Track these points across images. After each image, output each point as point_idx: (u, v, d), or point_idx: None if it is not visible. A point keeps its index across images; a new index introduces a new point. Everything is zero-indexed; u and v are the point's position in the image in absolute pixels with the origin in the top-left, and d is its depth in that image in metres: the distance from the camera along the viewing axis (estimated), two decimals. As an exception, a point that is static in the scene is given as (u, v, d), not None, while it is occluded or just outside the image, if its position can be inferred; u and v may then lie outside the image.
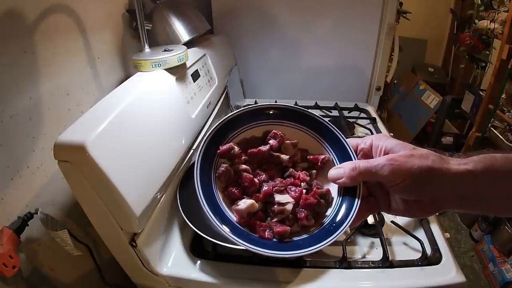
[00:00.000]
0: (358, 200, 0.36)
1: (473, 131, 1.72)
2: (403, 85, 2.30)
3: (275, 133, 0.42)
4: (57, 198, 0.57)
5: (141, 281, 0.60)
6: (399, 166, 0.32)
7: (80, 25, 0.62)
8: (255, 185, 0.39)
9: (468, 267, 1.49)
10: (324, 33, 1.20)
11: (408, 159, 0.32)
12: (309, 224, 0.37)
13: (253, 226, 0.37)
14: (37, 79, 0.53)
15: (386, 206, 0.37)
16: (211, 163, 0.39)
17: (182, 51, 0.71)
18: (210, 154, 0.39)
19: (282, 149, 0.42)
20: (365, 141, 0.38)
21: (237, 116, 0.41)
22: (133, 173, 0.50)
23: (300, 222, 0.37)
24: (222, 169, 0.39)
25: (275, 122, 0.43)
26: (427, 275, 0.58)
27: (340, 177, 0.36)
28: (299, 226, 0.37)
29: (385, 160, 0.33)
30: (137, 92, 0.58)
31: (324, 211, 0.38)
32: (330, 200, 0.39)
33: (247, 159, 0.41)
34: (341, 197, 0.38)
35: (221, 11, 1.20)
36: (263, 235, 0.35)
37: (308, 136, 0.43)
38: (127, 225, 0.50)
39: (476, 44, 1.96)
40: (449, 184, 0.32)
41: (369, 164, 0.34)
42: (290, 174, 0.41)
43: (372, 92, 1.28)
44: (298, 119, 0.43)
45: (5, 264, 0.43)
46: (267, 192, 0.38)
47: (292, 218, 0.37)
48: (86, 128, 0.45)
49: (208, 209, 0.34)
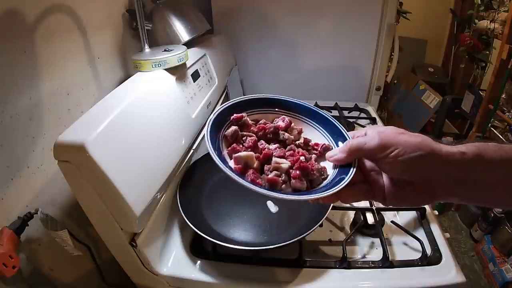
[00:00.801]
0: (353, 169, 0.37)
1: (473, 131, 1.72)
2: (403, 85, 2.30)
3: (283, 117, 0.45)
4: (57, 198, 0.57)
5: (141, 281, 0.60)
6: (388, 138, 0.34)
7: (80, 25, 0.62)
8: (257, 149, 0.41)
9: (468, 267, 1.49)
10: (324, 33, 1.20)
11: (399, 134, 0.34)
12: (301, 187, 0.38)
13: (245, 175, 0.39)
14: (37, 79, 0.53)
15: (380, 194, 0.38)
16: (222, 124, 0.42)
17: (182, 51, 0.71)
18: (223, 119, 0.43)
19: (287, 131, 0.45)
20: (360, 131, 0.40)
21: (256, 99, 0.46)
22: (133, 173, 0.50)
23: (292, 181, 0.38)
24: (232, 129, 0.42)
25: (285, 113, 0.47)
26: (427, 275, 0.58)
27: (335, 153, 0.38)
28: (290, 187, 0.38)
29: (375, 133, 0.35)
30: (137, 92, 0.58)
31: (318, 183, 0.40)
32: (325, 176, 0.40)
33: (255, 131, 0.44)
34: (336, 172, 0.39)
35: (221, 11, 1.20)
36: (255, 180, 0.37)
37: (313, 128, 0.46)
38: (127, 225, 0.50)
39: (476, 44, 1.96)
40: (439, 163, 0.32)
41: (359, 139, 0.36)
42: (291, 149, 0.43)
43: (372, 92, 1.28)
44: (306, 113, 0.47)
45: (5, 264, 0.43)
46: (266, 154, 0.40)
47: (286, 180, 0.39)
48: (86, 128, 0.45)
49: (213, 151, 0.37)
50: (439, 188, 0.34)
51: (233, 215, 0.67)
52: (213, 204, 0.69)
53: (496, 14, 1.75)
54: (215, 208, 0.68)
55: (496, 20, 1.74)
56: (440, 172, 0.33)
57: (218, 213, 0.67)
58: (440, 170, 0.33)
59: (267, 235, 0.63)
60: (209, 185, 0.72)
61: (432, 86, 2.11)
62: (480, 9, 1.90)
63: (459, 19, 2.24)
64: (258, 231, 0.64)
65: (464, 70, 2.20)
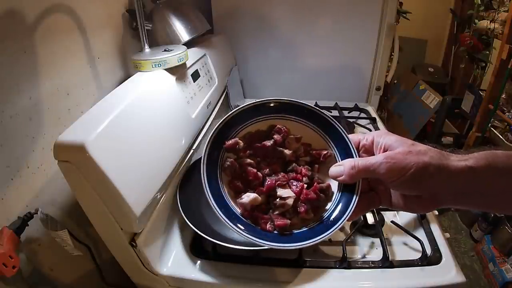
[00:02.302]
0: (356, 196, 0.37)
1: (473, 131, 1.72)
2: (403, 85, 2.30)
3: (279, 128, 0.43)
4: (57, 198, 0.57)
5: (141, 281, 0.60)
6: (396, 164, 0.33)
7: (80, 25, 0.62)
8: (258, 179, 0.41)
9: (468, 267, 1.49)
10: (324, 33, 1.20)
11: (405, 156, 0.33)
12: (309, 218, 0.39)
13: (255, 219, 0.39)
14: (37, 79, 0.53)
15: (387, 201, 0.38)
16: (217, 157, 0.41)
17: (182, 51, 0.71)
18: (217, 148, 0.41)
19: (286, 143, 0.43)
20: (366, 137, 0.39)
21: (243, 111, 0.43)
22: (133, 173, 0.50)
23: (300, 215, 0.39)
24: (228, 163, 0.41)
25: (280, 117, 0.44)
26: (427, 275, 0.58)
27: (340, 174, 0.37)
28: (299, 220, 0.39)
29: (382, 158, 0.34)
30: (137, 92, 0.58)
31: (324, 205, 0.40)
32: (330, 195, 0.41)
33: (252, 152, 0.42)
34: (341, 193, 0.39)
35: (221, 11, 1.20)
36: (265, 227, 0.37)
37: (311, 130, 0.44)
38: (127, 225, 0.50)
39: (476, 44, 1.96)
40: (448, 180, 0.32)
41: (367, 163, 0.35)
42: (293, 169, 0.42)
43: (372, 92, 1.28)
44: (303, 114, 0.44)
45: (5, 264, 0.43)
46: (270, 186, 0.40)
47: (292, 212, 0.39)
48: (86, 128, 0.45)
49: (214, 203, 0.37)
50: (444, 198, 0.34)
51: (233, 215, 0.66)
52: (213, 204, 0.69)
53: (496, 14, 1.75)
54: (215, 208, 0.68)
55: (496, 20, 1.74)
56: (448, 186, 0.33)
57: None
58: (448, 184, 0.33)
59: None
60: (209, 185, 0.72)
61: (432, 86, 2.11)
62: (480, 9, 1.90)
63: (459, 19, 2.24)
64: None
65: (464, 70, 2.20)
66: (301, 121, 0.44)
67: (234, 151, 0.42)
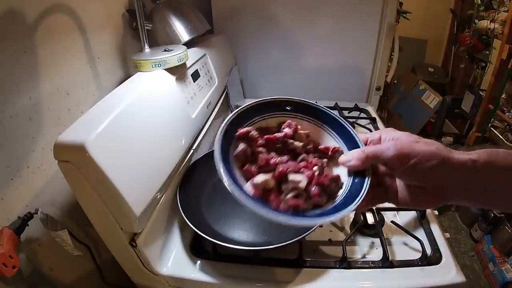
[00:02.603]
0: (368, 179, 0.37)
1: (473, 131, 1.72)
2: (403, 85, 2.30)
3: (289, 122, 0.44)
4: (57, 198, 0.57)
5: (141, 281, 0.60)
6: (403, 149, 0.34)
7: (80, 25, 0.62)
8: (270, 166, 0.40)
9: (468, 267, 1.49)
10: (324, 33, 1.20)
11: (414, 143, 0.35)
12: (321, 202, 0.39)
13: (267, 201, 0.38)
14: (37, 79, 0.53)
15: (393, 196, 0.39)
16: (229, 144, 0.41)
17: (182, 51, 0.71)
18: (229, 136, 0.41)
19: (295, 137, 0.44)
20: (374, 134, 0.40)
21: (256, 106, 0.44)
22: (133, 173, 0.50)
23: (313, 199, 0.38)
24: (241, 149, 0.40)
25: (290, 115, 0.45)
26: (427, 275, 0.58)
27: (350, 159, 0.38)
28: (311, 204, 0.38)
29: (390, 143, 0.36)
30: (137, 92, 0.58)
31: (335, 192, 0.40)
32: (340, 184, 0.40)
33: (263, 143, 0.42)
34: (351, 180, 0.39)
35: (221, 11, 1.20)
36: (278, 206, 0.37)
37: (320, 129, 0.45)
38: (127, 225, 0.50)
39: (476, 44, 1.96)
40: (451, 173, 0.34)
41: (376, 148, 0.37)
42: (303, 159, 0.42)
43: (372, 92, 1.28)
44: (312, 113, 0.45)
45: (5, 264, 0.43)
46: (281, 172, 0.39)
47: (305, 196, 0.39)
48: (86, 128, 0.45)
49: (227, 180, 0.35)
50: (450, 192, 0.35)
51: (233, 215, 0.67)
52: (213, 204, 0.69)
53: (496, 14, 1.75)
54: (215, 208, 0.68)
55: (496, 20, 1.74)
56: (452, 179, 0.34)
57: (218, 213, 0.67)
58: (451, 177, 0.34)
59: (267, 235, 0.63)
60: (209, 185, 0.72)
61: (432, 86, 2.11)
62: (480, 9, 1.90)
63: (459, 19, 2.24)
64: (258, 231, 0.64)
65: (464, 70, 2.20)
66: (310, 119, 0.45)
67: (246, 139, 0.42)
